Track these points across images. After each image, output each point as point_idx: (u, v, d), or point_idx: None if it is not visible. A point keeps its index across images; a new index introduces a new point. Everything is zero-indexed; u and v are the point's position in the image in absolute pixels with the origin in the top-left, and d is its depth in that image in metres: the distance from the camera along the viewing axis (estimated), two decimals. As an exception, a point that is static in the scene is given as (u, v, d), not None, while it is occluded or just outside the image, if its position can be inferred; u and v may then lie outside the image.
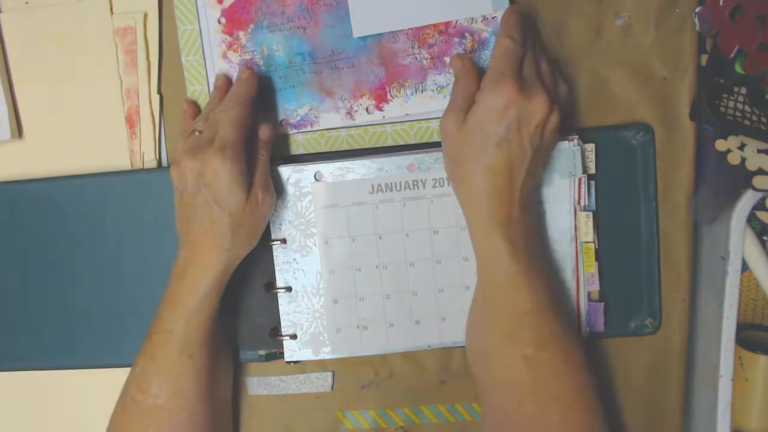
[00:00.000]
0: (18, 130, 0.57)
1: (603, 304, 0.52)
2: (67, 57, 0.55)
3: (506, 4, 0.49)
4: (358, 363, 0.56)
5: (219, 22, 0.52)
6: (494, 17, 0.50)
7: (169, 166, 0.53)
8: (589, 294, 0.52)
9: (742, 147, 0.51)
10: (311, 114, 0.53)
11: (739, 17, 0.47)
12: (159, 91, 0.55)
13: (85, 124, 0.56)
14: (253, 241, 0.49)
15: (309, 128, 0.53)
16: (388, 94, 0.52)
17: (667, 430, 0.54)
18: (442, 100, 0.51)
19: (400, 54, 0.51)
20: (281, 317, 0.53)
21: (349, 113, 0.52)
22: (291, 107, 0.53)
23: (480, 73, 0.47)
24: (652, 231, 0.52)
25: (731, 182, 0.51)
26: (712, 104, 0.49)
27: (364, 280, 0.52)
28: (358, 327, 0.53)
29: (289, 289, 0.53)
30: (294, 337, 0.53)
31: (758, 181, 0.50)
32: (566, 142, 0.49)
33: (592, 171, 0.51)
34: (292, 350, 0.53)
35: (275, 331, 0.54)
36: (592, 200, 0.51)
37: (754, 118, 0.49)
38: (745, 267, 0.53)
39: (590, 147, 0.51)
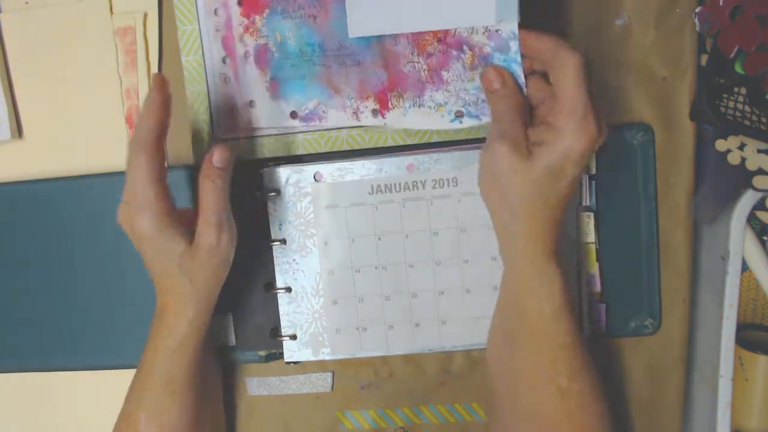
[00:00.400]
0: (18, 130, 0.57)
1: (604, 305, 0.52)
2: (67, 57, 0.56)
3: (515, 15, 0.44)
4: (358, 363, 0.56)
5: (239, 5, 0.51)
6: (498, 30, 0.45)
7: (169, 167, 0.53)
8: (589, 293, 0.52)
9: (742, 147, 0.51)
10: (320, 108, 0.52)
11: (739, 17, 0.47)
12: (159, 92, 0.55)
13: (85, 124, 0.56)
14: (220, 279, 0.48)
15: (317, 122, 0.52)
16: (390, 102, 0.50)
17: (667, 430, 0.54)
18: (439, 119, 0.49)
19: (400, 59, 0.50)
20: (281, 317, 0.53)
21: (356, 113, 0.51)
22: (300, 99, 0.52)
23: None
24: (652, 231, 0.52)
25: (731, 182, 0.51)
26: (712, 104, 0.49)
27: (364, 281, 0.52)
28: (357, 328, 0.53)
29: (288, 289, 0.53)
30: (294, 337, 0.53)
31: (758, 181, 0.50)
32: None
33: (593, 171, 0.51)
34: (291, 351, 0.53)
35: (275, 332, 0.54)
36: (593, 200, 0.51)
37: (754, 118, 0.49)
38: (745, 267, 0.53)
39: (590, 147, 0.51)
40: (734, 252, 0.50)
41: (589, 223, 0.51)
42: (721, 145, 0.51)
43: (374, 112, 0.51)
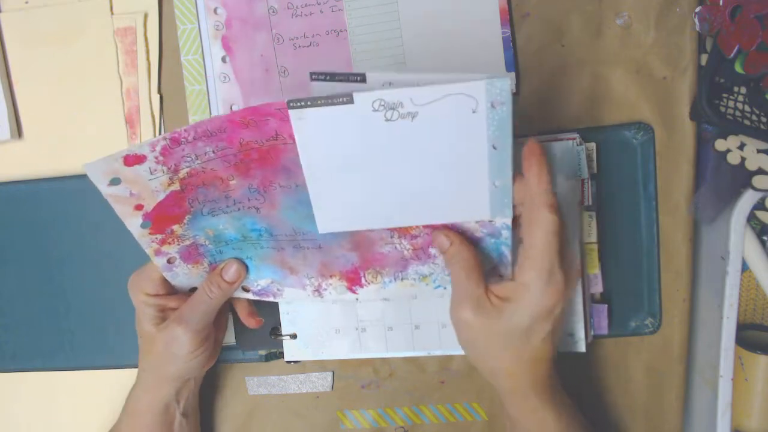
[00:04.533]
0: (18, 130, 0.57)
1: (606, 306, 0.52)
2: (67, 57, 0.56)
3: (509, 212, 0.41)
4: (358, 363, 0.56)
5: (143, 227, 0.44)
6: (491, 221, 0.42)
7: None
8: (591, 296, 0.52)
9: (741, 147, 0.51)
10: (273, 286, 0.49)
11: (739, 17, 0.47)
12: (159, 91, 0.55)
13: (85, 124, 0.56)
14: (166, 379, 0.48)
15: (272, 298, 0.49)
16: (363, 279, 0.47)
17: (667, 430, 0.54)
18: (425, 288, 0.47)
19: (376, 242, 0.44)
20: (281, 317, 0.53)
21: (317, 290, 0.48)
22: (251, 277, 0.48)
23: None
24: (652, 231, 0.52)
25: (731, 182, 0.51)
26: (712, 104, 0.49)
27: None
28: (356, 329, 0.53)
29: (289, 289, 0.53)
30: (294, 337, 0.53)
31: (758, 181, 0.50)
32: (569, 142, 0.49)
33: (594, 170, 0.51)
34: (292, 350, 0.53)
35: (275, 331, 0.54)
36: (594, 200, 0.51)
37: (754, 118, 0.49)
38: (745, 267, 0.53)
39: (591, 146, 0.50)
40: (734, 252, 0.50)
41: (591, 223, 0.50)
42: (721, 145, 0.51)
43: (340, 289, 0.47)
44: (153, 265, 0.47)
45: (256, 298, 0.50)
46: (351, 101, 0.36)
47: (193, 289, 0.49)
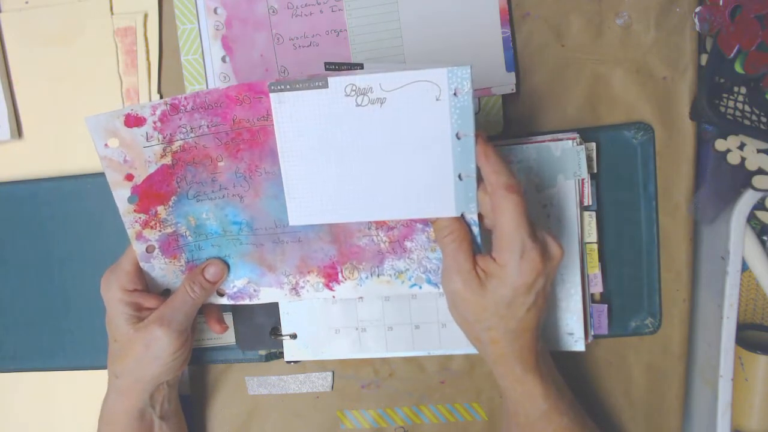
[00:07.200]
0: (18, 130, 0.57)
1: (606, 306, 0.52)
2: (67, 57, 0.56)
3: (474, 207, 0.42)
4: (358, 363, 0.56)
5: (129, 202, 0.44)
6: (461, 215, 0.43)
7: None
8: (591, 296, 0.52)
9: (741, 147, 0.51)
10: (250, 287, 0.48)
11: (739, 17, 0.47)
12: (159, 91, 0.55)
13: (85, 124, 0.56)
14: (142, 383, 0.47)
15: (248, 301, 0.49)
16: (340, 275, 0.47)
17: (667, 430, 0.54)
18: (399, 285, 0.47)
19: (354, 233, 0.45)
20: (281, 317, 0.53)
21: (294, 289, 0.48)
22: (229, 277, 0.48)
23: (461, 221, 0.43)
24: (652, 231, 0.52)
25: (731, 182, 0.51)
26: (712, 104, 0.49)
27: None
28: (357, 329, 0.53)
29: (289, 289, 0.53)
30: (294, 337, 0.53)
31: (758, 180, 0.50)
32: (569, 142, 0.49)
33: (594, 170, 0.51)
34: (292, 350, 0.53)
35: (275, 331, 0.54)
36: (594, 200, 0.51)
37: (754, 117, 0.49)
38: (745, 267, 0.53)
39: (591, 146, 0.51)
40: (734, 252, 0.50)
41: (591, 222, 0.50)
42: (721, 145, 0.51)
43: (318, 286, 0.47)
44: (127, 258, 0.47)
45: (231, 302, 0.49)
46: (326, 85, 0.39)
47: (166, 293, 0.48)
